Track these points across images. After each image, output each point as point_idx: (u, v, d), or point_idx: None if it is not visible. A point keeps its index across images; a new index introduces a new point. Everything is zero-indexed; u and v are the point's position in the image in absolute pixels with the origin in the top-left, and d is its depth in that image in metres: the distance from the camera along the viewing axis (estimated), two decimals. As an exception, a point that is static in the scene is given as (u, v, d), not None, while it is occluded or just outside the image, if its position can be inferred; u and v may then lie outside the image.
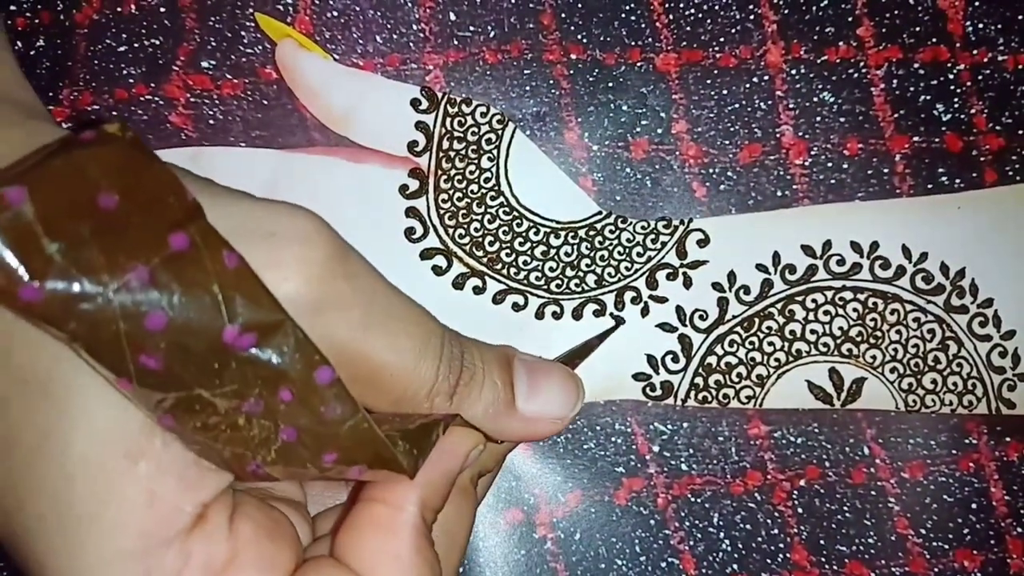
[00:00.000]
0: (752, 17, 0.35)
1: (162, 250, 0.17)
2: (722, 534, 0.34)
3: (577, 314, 0.33)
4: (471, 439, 0.26)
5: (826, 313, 0.33)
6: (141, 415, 0.19)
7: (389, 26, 0.35)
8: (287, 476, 0.21)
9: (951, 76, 0.35)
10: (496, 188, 0.33)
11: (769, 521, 0.34)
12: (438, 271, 0.33)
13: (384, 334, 0.23)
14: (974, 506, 0.35)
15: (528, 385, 0.27)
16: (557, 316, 0.33)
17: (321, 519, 0.26)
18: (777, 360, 0.33)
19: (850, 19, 0.35)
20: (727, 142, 0.35)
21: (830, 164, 0.35)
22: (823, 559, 0.34)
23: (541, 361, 0.28)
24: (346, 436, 0.20)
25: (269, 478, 0.21)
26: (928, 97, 0.35)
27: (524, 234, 0.33)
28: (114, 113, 0.36)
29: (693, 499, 0.35)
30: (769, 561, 0.34)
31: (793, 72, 0.35)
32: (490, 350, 0.27)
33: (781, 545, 0.34)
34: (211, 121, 0.35)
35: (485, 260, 0.33)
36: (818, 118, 0.35)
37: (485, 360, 0.26)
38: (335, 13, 0.35)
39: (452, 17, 0.35)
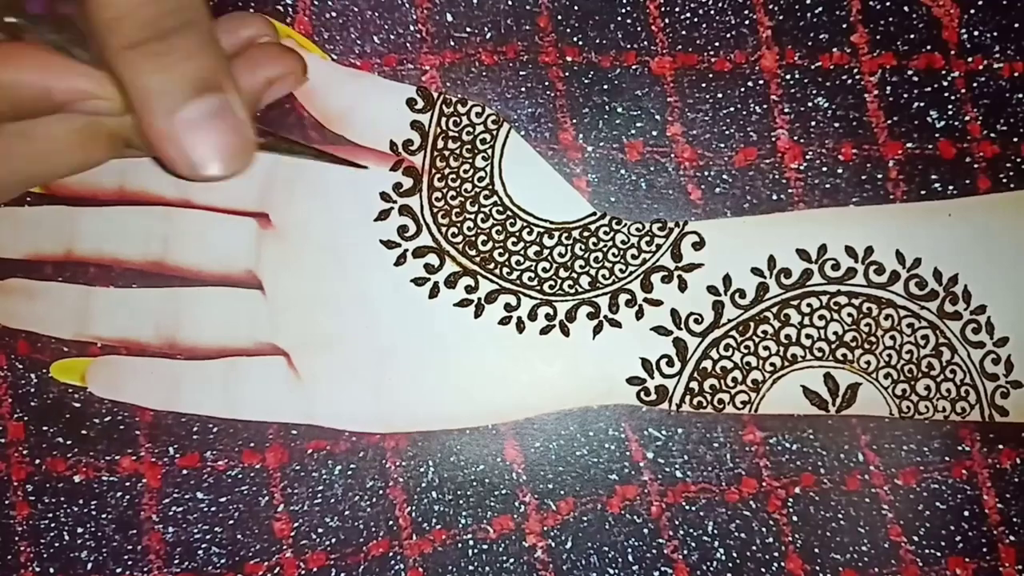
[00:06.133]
0: (747, 23, 0.35)
1: None
2: (716, 543, 0.34)
3: (570, 316, 0.33)
4: (90, 83, 0.22)
5: (821, 318, 0.33)
6: None
7: (386, 27, 0.35)
8: None
9: (945, 83, 0.35)
10: (490, 187, 0.33)
11: (764, 529, 0.34)
12: (430, 269, 0.33)
13: None
14: (967, 514, 0.34)
15: (206, 113, 0.22)
16: (550, 317, 0.33)
17: None
18: (773, 365, 0.33)
19: (844, 26, 0.35)
20: (722, 145, 0.35)
21: (825, 169, 0.35)
22: (817, 567, 0.34)
23: (237, 118, 0.23)
24: None
25: None
26: (922, 104, 0.35)
27: (517, 234, 0.33)
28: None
29: (688, 507, 0.34)
30: (764, 570, 0.34)
31: (788, 77, 0.35)
32: (205, 64, 0.22)
33: (776, 554, 0.34)
34: (207, 118, 0.35)
35: (478, 259, 0.33)
36: (813, 123, 0.35)
37: (189, 56, 0.22)
38: (333, 14, 0.35)
39: (449, 18, 0.35)
